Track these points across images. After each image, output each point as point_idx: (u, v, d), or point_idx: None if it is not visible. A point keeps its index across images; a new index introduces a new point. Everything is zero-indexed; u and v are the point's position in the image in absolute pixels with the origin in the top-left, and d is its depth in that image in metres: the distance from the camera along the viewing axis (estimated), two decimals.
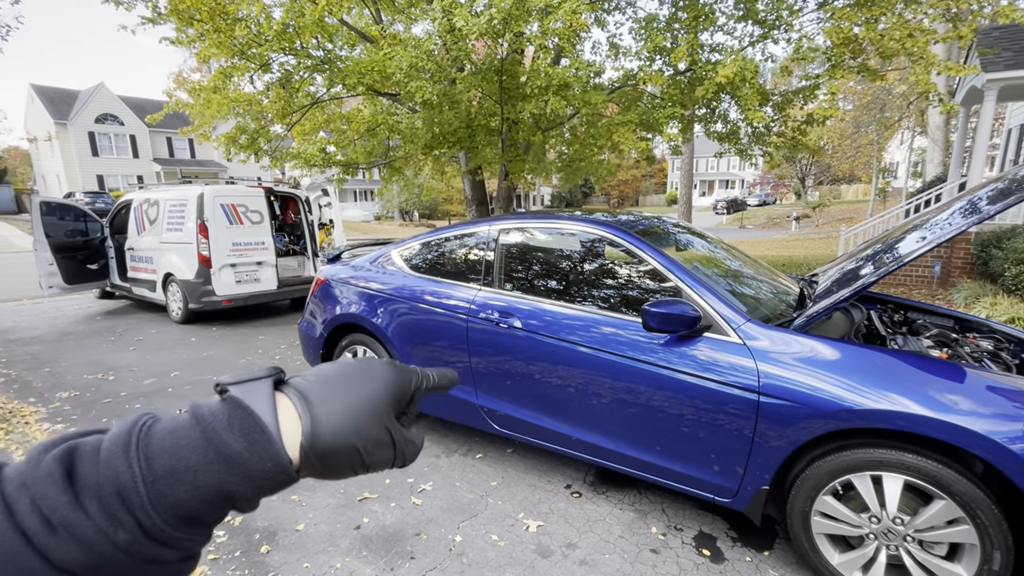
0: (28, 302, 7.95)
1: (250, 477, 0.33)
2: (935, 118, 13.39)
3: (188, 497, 0.31)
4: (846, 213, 26.72)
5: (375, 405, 0.38)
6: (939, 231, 1.96)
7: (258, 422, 0.33)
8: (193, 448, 0.32)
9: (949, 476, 1.65)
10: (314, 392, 0.37)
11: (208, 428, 0.33)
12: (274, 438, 0.33)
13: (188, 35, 6.00)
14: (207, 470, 0.32)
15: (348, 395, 0.37)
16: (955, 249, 7.27)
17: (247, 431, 0.33)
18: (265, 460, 0.33)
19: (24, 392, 4.12)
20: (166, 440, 0.32)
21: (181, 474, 0.31)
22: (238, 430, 0.33)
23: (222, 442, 0.32)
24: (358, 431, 0.36)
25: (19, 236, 19.56)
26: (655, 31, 6.38)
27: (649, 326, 2.08)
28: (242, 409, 0.34)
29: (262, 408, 0.34)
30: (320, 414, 0.35)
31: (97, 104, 31.50)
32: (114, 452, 0.31)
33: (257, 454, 0.33)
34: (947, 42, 6.12)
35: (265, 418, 0.34)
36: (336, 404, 0.36)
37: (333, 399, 0.37)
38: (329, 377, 0.38)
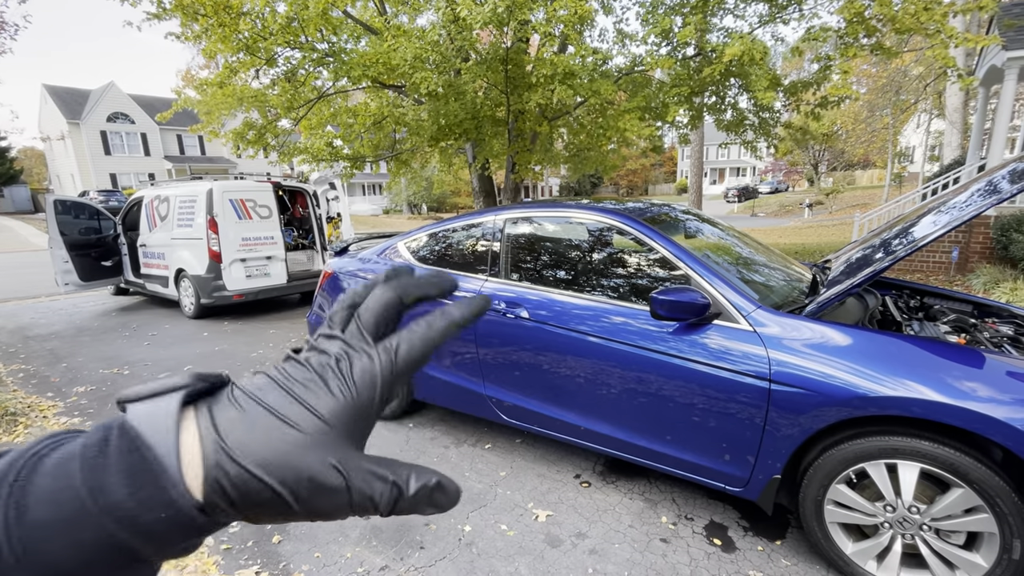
0: (46, 299, 8.10)
1: (141, 531, 0.24)
2: (953, 100, 13.03)
3: (70, 555, 0.23)
4: (861, 199, 26.24)
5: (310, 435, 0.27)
6: (955, 214, 1.90)
7: (145, 457, 0.25)
8: (71, 492, 0.24)
9: (967, 464, 1.61)
10: (229, 413, 0.27)
11: (87, 466, 0.24)
12: (167, 479, 0.25)
13: (193, 30, 6.01)
14: (86, 523, 0.24)
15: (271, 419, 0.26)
16: (973, 234, 7.10)
17: (132, 471, 0.24)
18: (156, 509, 0.24)
19: (42, 387, 4.21)
20: (45, 481, 0.24)
21: (57, 528, 0.23)
22: (122, 469, 0.24)
23: (100, 487, 0.24)
24: (279, 470, 0.26)
25: (36, 235, 19.92)
26: (662, 15, 6.26)
27: (657, 314, 2.05)
28: (128, 440, 0.25)
29: (160, 436, 0.25)
30: (229, 444, 0.26)
31: (108, 103, 31.85)
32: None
33: (145, 503, 0.24)
34: (966, 14, 5.92)
35: (160, 451, 0.25)
36: (251, 431, 0.26)
37: (250, 424, 0.26)
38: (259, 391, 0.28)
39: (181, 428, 0.26)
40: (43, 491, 0.24)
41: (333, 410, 0.27)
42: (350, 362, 0.28)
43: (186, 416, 0.27)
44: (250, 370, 4.47)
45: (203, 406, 0.27)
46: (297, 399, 0.27)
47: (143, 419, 0.26)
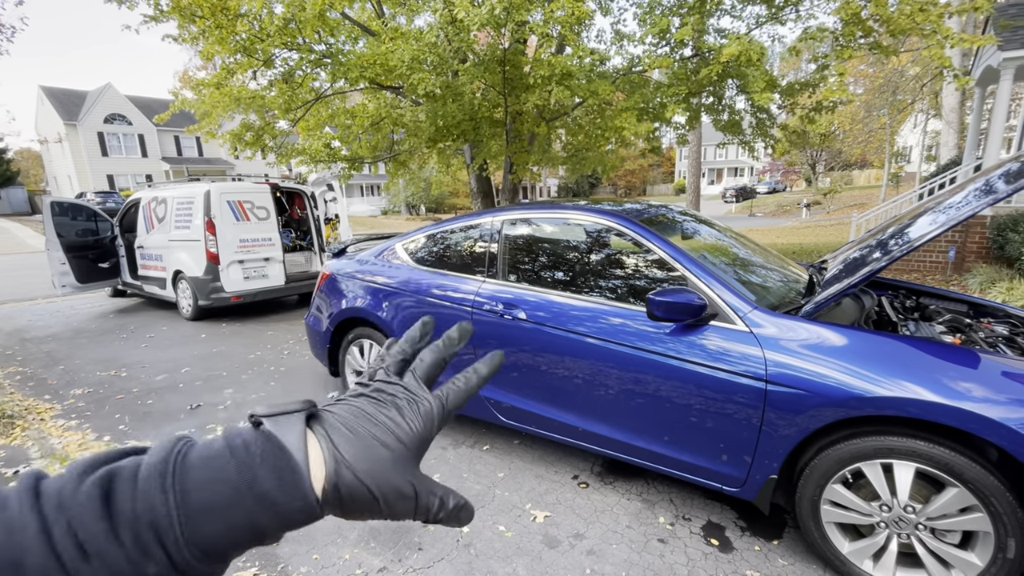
0: (43, 301, 8.08)
1: (279, 515, 0.32)
2: (949, 100, 13.08)
3: (219, 532, 0.31)
4: (858, 199, 26.30)
5: (397, 454, 0.36)
6: (951, 214, 1.91)
7: (290, 460, 0.33)
8: (227, 483, 0.31)
9: (962, 463, 1.62)
10: (340, 433, 0.35)
11: (242, 463, 0.32)
12: (304, 477, 0.33)
13: (191, 32, 6.01)
14: (240, 506, 0.31)
15: (370, 441, 0.36)
16: (970, 233, 7.12)
17: (279, 468, 0.32)
18: (295, 499, 0.32)
19: (39, 389, 4.20)
20: (201, 472, 0.31)
21: (215, 509, 0.31)
22: (271, 467, 0.32)
23: (255, 478, 0.32)
24: (377, 480, 0.35)
25: (33, 236, 19.88)
26: (659, 15, 6.28)
27: (654, 315, 2.06)
28: (275, 445, 0.33)
29: (294, 445, 0.33)
30: (341, 458, 0.34)
31: (105, 104, 31.79)
32: (151, 482, 0.30)
33: (288, 493, 0.32)
34: (962, 15, 5.95)
35: (297, 456, 0.33)
36: (360, 449, 0.35)
37: (358, 443, 0.35)
38: (357, 417, 0.37)
39: (308, 441, 0.34)
40: (200, 480, 0.31)
41: (411, 438, 0.37)
42: (418, 405, 0.39)
43: (308, 433, 0.35)
44: (245, 375, 4.47)
45: (316, 425, 0.36)
46: (388, 428, 0.37)
47: (280, 430, 0.34)
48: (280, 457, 0.33)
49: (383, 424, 0.37)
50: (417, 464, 0.38)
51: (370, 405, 0.38)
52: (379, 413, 0.37)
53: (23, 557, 0.27)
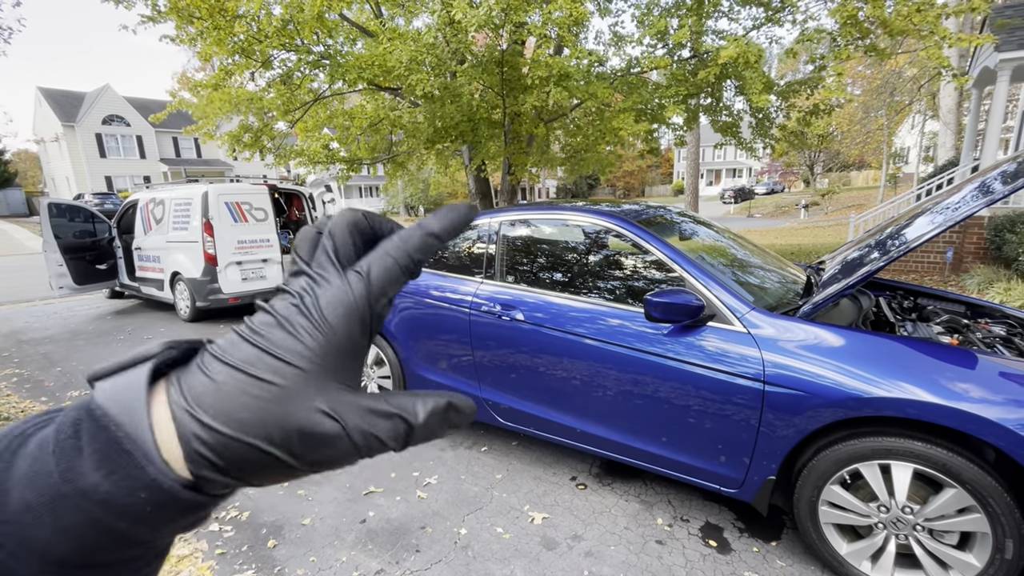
0: (40, 303, 8.06)
1: (125, 513, 0.23)
2: (947, 101, 13.12)
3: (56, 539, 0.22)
4: (856, 200, 26.36)
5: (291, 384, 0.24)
6: (948, 215, 1.91)
7: (114, 438, 0.23)
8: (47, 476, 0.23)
9: (960, 464, 1.62)
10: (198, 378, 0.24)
11: (59, 449, 0.23)
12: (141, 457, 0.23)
13: (188, 33, 6.00)
14: (65, 506, 0.22)
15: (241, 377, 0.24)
16: (967, 234, 7.14)
17: (103, 452, 0.23)
18: (133, 490, 0.23)
19: (36, 391, 4.18)
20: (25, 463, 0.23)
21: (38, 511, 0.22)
22: (92, 451, 0.23)
23: (70, 469, 0.23)
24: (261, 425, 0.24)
25: (30, 238, 19.84)
26: (657, 17, 6.29)
27: (652, 316, 2.05)
28: (94, 420, 0.23)
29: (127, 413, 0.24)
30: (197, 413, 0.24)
31: (103, 106, 31.75)
32: None
33: (121, 483, 0.23)
34: (959, 15, 5.97)
35: (131, 429, 0.23)
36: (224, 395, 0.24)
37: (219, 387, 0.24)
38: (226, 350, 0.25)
39: (153, 402, 0.24)
40: (21, 475, 0.23)
41: (304, 353, 0.25)
42: (315, 296, 0.25)
43: (157, 389, 0.25)
44: None
45: (173, 376, 0.25)
46: (265, 350, 0.24)
47: (111, 396, 0.24)
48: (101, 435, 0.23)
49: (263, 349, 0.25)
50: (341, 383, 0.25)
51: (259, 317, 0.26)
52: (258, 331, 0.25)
53: None
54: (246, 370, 0.24)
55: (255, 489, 0.25)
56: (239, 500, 2.55)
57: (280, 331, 0.25)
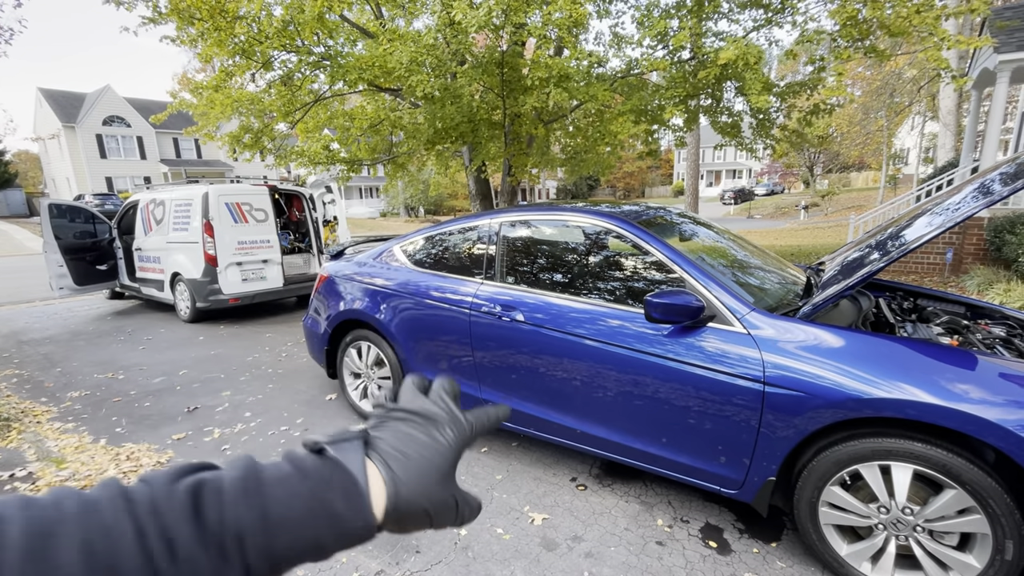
0: (40, 304, 8.06)
1: (343, 533, 0.35)
2: (946, 102, 13.13)
3: (289, 546, 0.33)
4: (856, 201, 26.37)
5: (442, 473, 0.40)
6: (948, 216, 1.92)
7: (356, 484, 0.36)
8: (302, 500, 0.34)
9: (960, 465, 1.62)
10: (395, 459, 0.39)
11: (315, 484, 0.35)
12: (368, 499, 0.36)
13: (189, 34, 6.01)
14: (311, 523, 0.34)
15: (422, 464, 0.39)
16: (967, 235, 7.14)
17: (347, 491, 0.36)
18: (358, 519, 0.36)
19: (36, 392, 4.18)
20: (278, 490, 0.34)
21: (289, 525, 0.33)
22: (339, 489, 0.35)
23: (326, 499, 0.35)
24: (430, 497, 0.39)
25: (30, 239, 19.83)
26: (657, 18, 6.30)
27: (652, 317, 2.06)
28: (342, 470, 0.36)
29: (357, 469, 0.37)
30: (400, 482, 0.38)
31: (104, 106, 31.78)
32: (237, 497, 0.33)
33: (353, 513, 0.35)
34: (958, 17, 5.98)
35: (361, 479, 0.36)
36: (412, 472, 0.39)
37: (410, 467, 0.39)
38: (405, 442, 0.40)
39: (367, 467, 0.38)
40: (278, 497, 0.34)
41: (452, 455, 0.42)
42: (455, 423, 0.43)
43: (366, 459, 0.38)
44: (243, 377, 4.46)
45: (372, 451, 0.39)
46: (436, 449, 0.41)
47: (345, 457, 0.38)
48: (348, 481, 0.36)
49: (429, 446, 0.41)
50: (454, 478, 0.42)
51: (411, 428, 0.42)
52: (421, 435, 0.41)
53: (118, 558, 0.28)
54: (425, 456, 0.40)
55: None
56: None
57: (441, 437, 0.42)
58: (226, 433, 3.33)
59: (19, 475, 2.80)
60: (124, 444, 3.22)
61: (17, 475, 2.80)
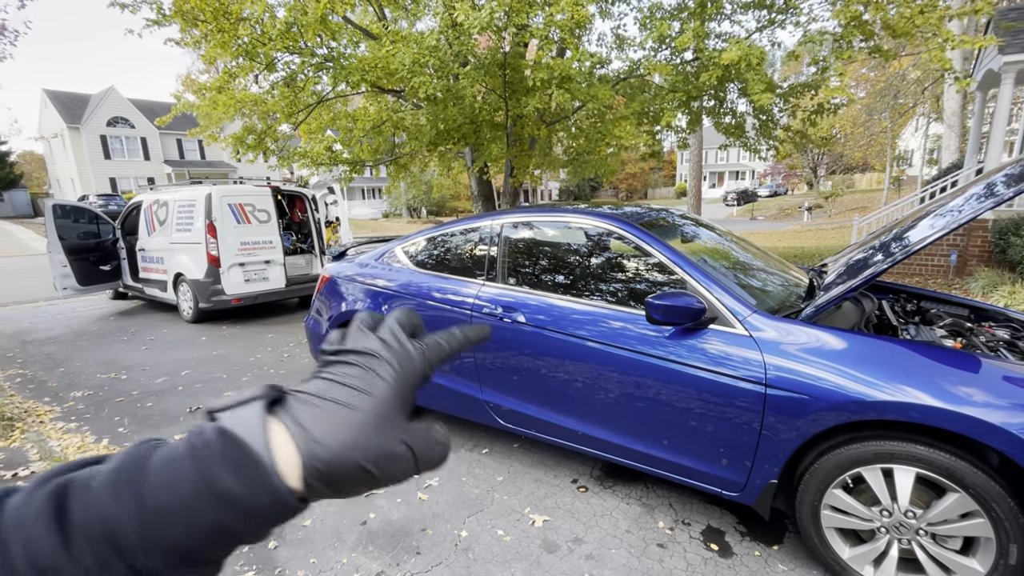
0: (44, 304, 8.09)
1: (247, 512, 0.30)
2: (951, 104, 13.08)
3: (184, 536, 0.29)
4: (860, 202, 26.29)
5: (380, 416, 0.34)
6: (952, 217, 1.91)
7: (248, 453, 0.31)
8: (186, 482, 0.30)
9: (963, 468, 1.61)
10: (308, 412, 0.33)
11: (200, 461, 0.30)
12: (267, 469, 0.31)
13: (193, 36, 6.03)
14: (201, 507, 0.29)
15: (346, 410, 0.33)
16: (971, 237, 7.11)
17: (238, 464, 0.30)
18: (260, 495, 0.30)
19: (39, 392, 4.20)
20: (159, 476, 0.30)
21: (175, 512, 0.29)
22: (229, 463, 0.30)
23: (213, 477, 0.30)
24: (362, 448, 0.32)
25: (35, 239, 19.93)
26: (660, 20, 6.29)
27: (653, 318, 2.05)
28: (230, 439, 0.31)
29: (253, 436, 0.31)
30: (317, 436, 0.32)
31: (108, 107, 31.94)
32: (103, 490, 0.29)
33: (251, 489, 0.30)
34: (962, 18, 5.96)
35: (256, 447, 0.31)
36: (334, 422, 0.33)
37: (330, 417, 0.33)
38: (324, 391, 0.34)
39: (268, 429, 0.32)
40: (158, 483, 0.30)
41: (390, 392, 0.34)
42: (392, 352, 0.36)
43: (269, 419, 0.33)
44: (245, 377, 4.47)
45: (280, 410, 0.33)
46: (359, 390, 0.34)
47: (236, 423, 0.32)
48: (235, 450, 0.31)
49: (355, 388, 0.34)
50: (405, 416, 0.35)
51: (341, 372, 0.35)
52: (349, 378, 0.34)
53: None
54: (349, 405, 0.33)
55: None
56: None
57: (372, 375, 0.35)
58: None
59: (22, 474, 2.81)
60: (126, 444, 3.23)
61: (20, 474, 2.82)
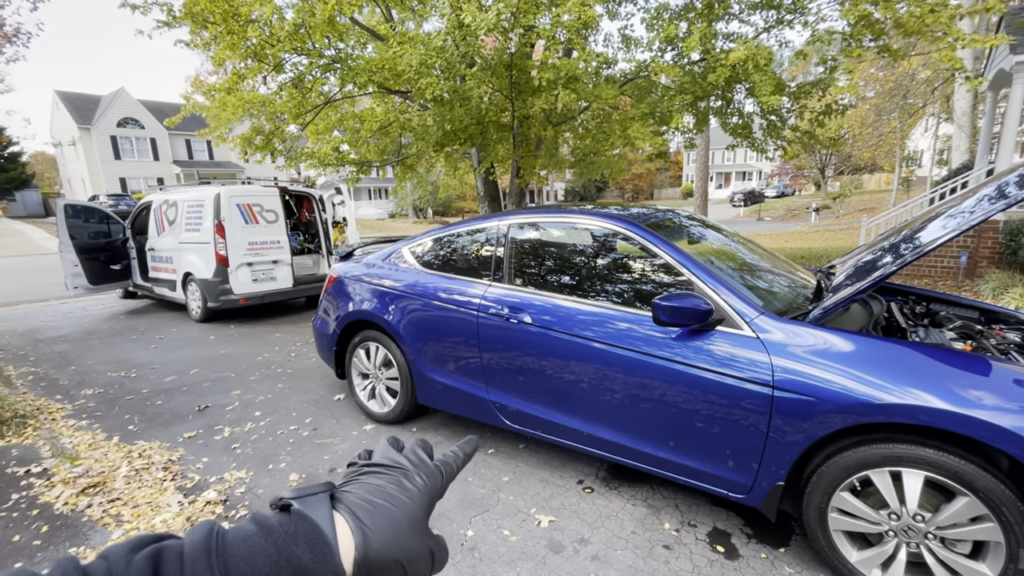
0: (55, 302, 8.19)
1: None
2: (961, 103, 12.94)
3: None
4: (868, 203, 26.07)
5: (414, 521, 0.40)
6: (963, 219, 1.89)
7: (323, 536, 0.36)
8: (266, 557, 0.34)
9: (972, 472, 1.60)
10: (363, 509, 0.39)
11: (279, 539, 0.35)
12: (335, 551, 0.36)
13: (202, 38, 6.09)
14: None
15: (392, 513, 0.39)
16: (982, 238, 7.03)
17: (313, 544, 0.35)
18: (327, 571, 0.35)
19: (51, 389, 4.25)
20: (240, 549, 0.34)
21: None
22: (304, 542, 0.35)
23: (292, 553, 0.34)
24: (402, 548, 0.38)
25: (46, 238, 20.16)
26: (667, 21, 6.28)
27: (660, 320, 2.05)
28: (308, 523, 0.36)
29: (324, 522, 0.37)
30: (369, 532, 0.37)
31: (119, 108, 32.27)
32: (197, 559, 0.32)
33: (321, 566, 0.35)
34: (973, 16, 5.90)
35: (327, 531, 0.36)
36: (382, 522, 0.38)
37: (379, 517, 0.39)
38: (373, 492, 0.40)
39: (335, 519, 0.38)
40: (241, 556, 0.33)
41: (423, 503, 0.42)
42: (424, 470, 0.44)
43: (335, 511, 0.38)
44: (253, 376, 4.50)
45: (339, 504, 0.39)
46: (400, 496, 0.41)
47: (311, 510, 0.37)
48: (313, 533, 0.36)
49: (398, 495, 0.41)
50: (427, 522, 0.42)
51: (380, 479, 0.42)
52: (390, 485, 0.41)
53: None
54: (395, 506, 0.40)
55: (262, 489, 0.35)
56: (248, 500, 2.58)
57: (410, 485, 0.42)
58: (236, 432, 3.37)
59: (34, 471, 2.85)
60: (136, 442, 3.27)
61: (33, 471, 2.85)
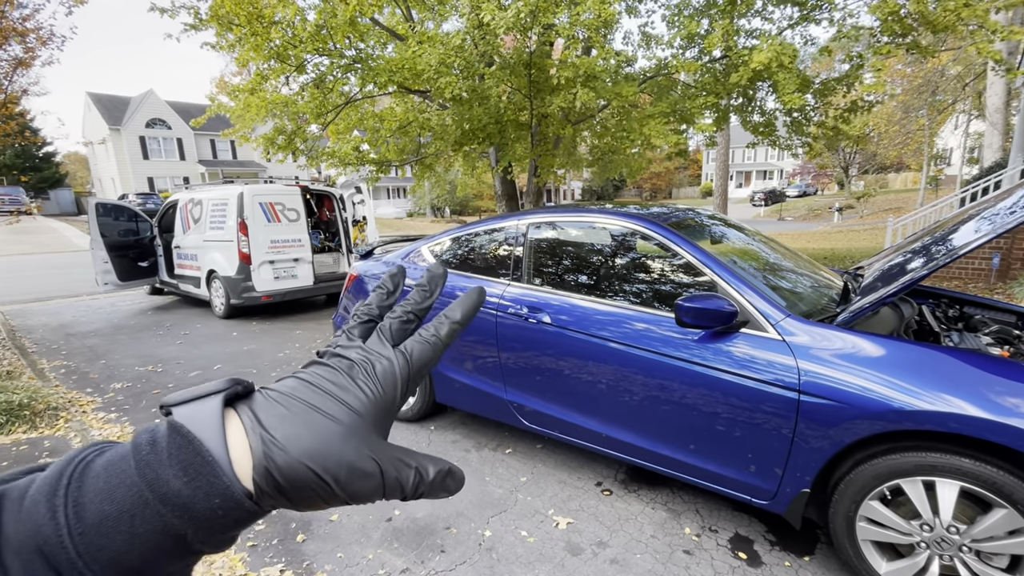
0: (87, 298, 8.44)
1: (197, 516, 0.27)
2: (994, 100, 12.50)
3: (128, 547, 0.26)
4: (894, 203, 25.38)
5: (349, 426, 0.30)
6: (1000, 221, 1.83)
7: (199, 451, 0.27)
8: (127, 487, 0.26)
9: (1011, 483, 1.54)
10: (272, 410, 0.30)
11: (142, 462, 0.27)
12: (220, 469, 0.27)
13: (228, 40, 6.21)
14: (144, 513, 0.26)
15: (312, 414, 0.30)
16: (1016, 240, 6.78)
17: (186, 463, 0.27)
18: (211, 496, 0.27)
19: (82, 383, 4.39)
20: (99, 481, 0.26)
21: (116, 521, 0.26)
22: (176, 462, 0.27)
23: (157, 478, 0.26)
24: (323, 459, 0.29)
25: (78, 236, 20.81)
26: (688, 17, 6.19)
27: (683, 321, 2.02)
28: (181, 436, 0.28)
29: (208, 433, 0.28)
30: (273, 438, 0.29)
31: (147, 110, 33.14)
32: (37, 500, 0.26)
33: (200, 490, 0.27)
34: (1008, 10, 5.68)
35: (210, 445, 0.28)
36: (296, 426, 0.30)
37: (293, 419, 0.30)
38: (295, 390, 0.31)
39: (226, 425, 0.29)
40: (98, 489, 0.26)
41: (364, 405, 0.32)
42: (373, 365, 0.33)
43: (228, 415, 0.30)
44: (274, 372, 4.58)
45: (243, 406, 0.31)
46: (333, 396, 0.31)
47: (190, 419, 0.29)
48: (186, 449, 0.27)
49: (328, 393, 0.31)
50: (380, 433, 0.32)
51: (317, 374, 0.32)
52: (325, 382, 0.32)
53: None
54: (318, 409, 0.30)
55: None
56: None
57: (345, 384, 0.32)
58: None
59: None
60: None
61: None
